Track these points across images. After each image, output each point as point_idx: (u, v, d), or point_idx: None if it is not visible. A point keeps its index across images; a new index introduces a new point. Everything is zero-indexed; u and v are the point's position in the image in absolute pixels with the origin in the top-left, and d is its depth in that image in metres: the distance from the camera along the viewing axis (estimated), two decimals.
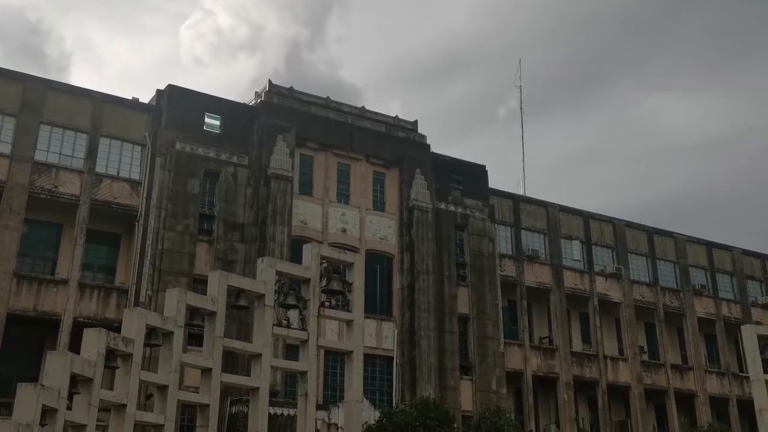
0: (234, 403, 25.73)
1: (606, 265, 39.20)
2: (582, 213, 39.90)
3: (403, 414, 19.66)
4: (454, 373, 31.84)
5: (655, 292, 40.11)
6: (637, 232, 41.05)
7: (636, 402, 37.14)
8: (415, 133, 35.41)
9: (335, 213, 32.27)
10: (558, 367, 35.82)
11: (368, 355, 27.71)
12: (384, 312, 31.92)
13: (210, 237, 29.29)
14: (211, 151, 30.12)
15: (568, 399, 35.45)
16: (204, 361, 16.61)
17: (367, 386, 28.25)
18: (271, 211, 29.67)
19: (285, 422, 25.26)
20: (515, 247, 37.09)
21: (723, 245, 43.81)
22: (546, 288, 37.13)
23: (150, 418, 15.95)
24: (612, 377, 37.05)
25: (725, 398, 39.84)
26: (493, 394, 32.15)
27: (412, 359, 30.89)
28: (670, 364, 39.00)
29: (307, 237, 29.75)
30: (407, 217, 33.25)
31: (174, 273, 27.63)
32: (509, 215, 37.49)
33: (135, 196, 28.93)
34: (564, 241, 38.62)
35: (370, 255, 31.97)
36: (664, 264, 41.25)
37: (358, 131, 33.76)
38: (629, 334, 38.44)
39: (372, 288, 31.01)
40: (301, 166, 32.08)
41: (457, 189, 35.40)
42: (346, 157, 33.35)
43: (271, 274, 17.70)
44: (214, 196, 29.96)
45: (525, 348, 35.36)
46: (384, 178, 34.11)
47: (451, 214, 34.65)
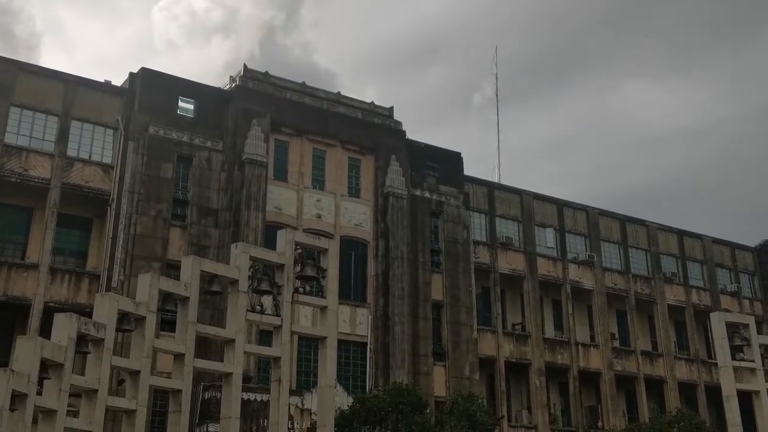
0: (207, 389, 25.66)
1: (579, 253, 39.55)
2: (556, 201, 40.19)
3: (376, 399, 19.73)
4: (428, 359, 32.02)
5: (626, 280, 40.57)
6: (609, 220, 41.44)
7: (607, 388, 37.62)
8: (391, 119, 35.39)
9: (310, 199, 32.19)
10: (530, 353, 36.15)
11: (342, 341, 27.75)
12: (358, 298, 31.97)
13: (183, 222, 29.10)
14: (185, 135, 29.86)
15: (540, 385, 35.81)
16: (177, 346, 16.50)
17: (340, 372, 28.37)
18: (245, 197, 29.54)
19: (258, 407, 25.24)
20: (489, 234, 37.29)
21: (694, 234, 44.38)
22: (519, 275, 37.40)
23: (121, 403, 15.84)
24: (583, 363, 37.47)
25: (694, 384, 40.48)
26: (465, 379, 32.38)
27: (385, 345, 31.00)
28: (640, 351, 39.51)
29: (281, 223, 29.63)
30: (382, 203, 33.26)
31: (147, 258, 27.43)
32: (484, 203, 37.65)
33: (107, 180, 28.63)
34: (538, 229, 38.89)
35: (345, 241, 31.96)
36: (636, 252, 41.72)
37: (333, 117, 33.66)
38: (601, 320, 38.87)
39: (346, 274, 31.02)
40: (276, 151, 31.94)
41: (433, 176, 35.47)
42: (321, 143, 33.26)
43: (245, 260, 17.61)
44: (188, 180, 29.75)
45: (498, 334, 35.63)
46: (359, 164, 34.08)
47: (426, 201, 34.72)
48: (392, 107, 35.78)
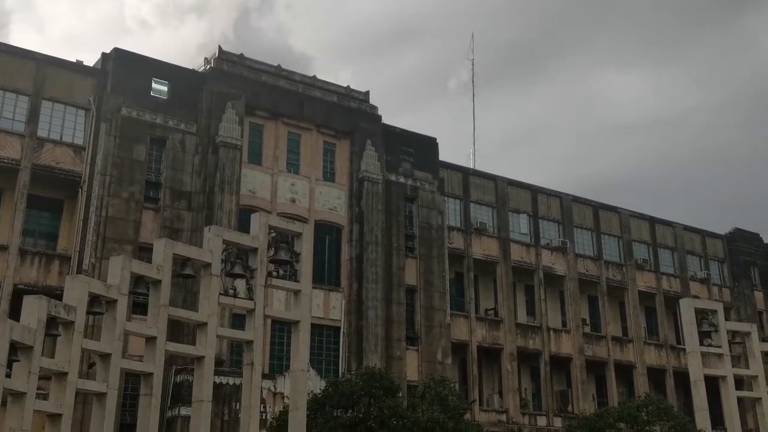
0: (179, 372, 25.58)
1: (552, 239, 39.86)
2: (530, 187, 40.40)
3: (349, 383, 19.79)
4: (401, 344, 32.16)
5: (598, 266, 40.98)
6: (583, 207, 41.78)
7: (577, 372, 38.06)
8: (367, 103, 35.29)
9: (284, 183, 32.07)
10: (502, 338, 36.45)
11: (315, 325, 27.76)
12: (332, 282, 31.98)
13: (156, 205, 28.87)
14: (158, 117, 29.56)
15: (512, 369, 36.14)
16: (148, 329, 16.43)
17: (313, 356, 28.40)
18: (219, 180, 29.36)
19: (230, 391, 25.23)
20: (464, 219, 37.44)
21: (665, 221, 44.90)
22: (493, 260, 37.63)
23: (92, 386, 15.76)
24: (555, 348, 37.86)
25: (662, 369, 41.08)
26: (438, 364, 32.59)
27: (359, 329, 31.08)
28: (611, 336, 40.00)
29: (255, 206, 29.53)
30: (357, 188, 33.23)
31: (118, 241, 27.20)
32: (459, 188, 37.77)
33: (78, 161, 28.29)
34: (512, 215, 39.11)
35: (319, 225, 31.91)
36: (609, 238, 42.13)
37: (309, 101, 33.49)
38: (573, 306, 39.26)
39: (320, 258, 31.02)
40: (250, 134, 31.74)
41: (408, 161, 35.48)
42: (296, 127, 33.09)
43: (218, 243, 17.54)
44: (161, 163, 29.49)
45: (471, 319, 35.86)
46: (334, 148, 33.98)
47: (401, 185, 34.74)
48: (368, 91, 35.68)
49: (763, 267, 47.55)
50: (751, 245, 47.62)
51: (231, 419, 24.83)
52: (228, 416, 25.14)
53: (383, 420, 18.34)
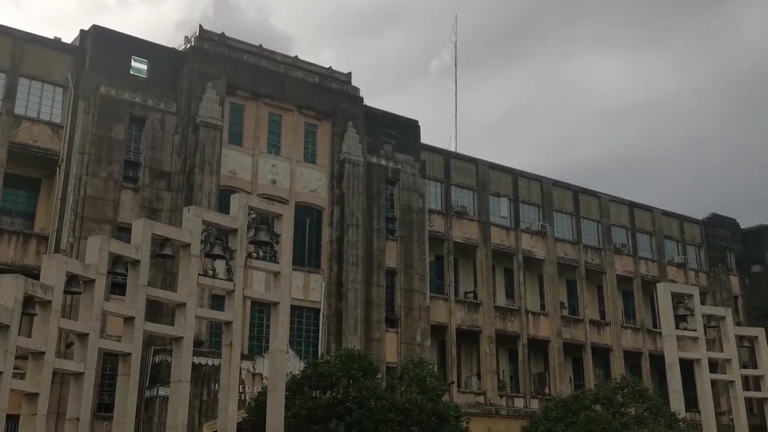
0: (158, 353, 25.52)
1: (532, 223, 40.05)
2: (511, 171, 40.52)
3: (328, 365, 19.85)
4: (380, 326, 32.28)
5: (577, 250, 41.26)
6: (563, 191, 41.97)
7: (555, 355, 38.42)
8: (349, 85, 35.15)
9: (265, 164, 31.93)
10: (481, 321, 36.67)
11: (295, 307, 27.76)
12: (312, 264, 31.97)
13: (135, 184, 28.67)
14: (138, 96, 29.28)
15: (490, 352, 36.40)
16: (127, 309, 16.37)
17: (293, 337, 28.45)
18: (199, 160, 29.17)
19: (209, 372, 25.22)
20: (444, 202, 37.52)
21: (644, 206, 45.24)
22: (473, 244, 37.77)
23: (70, 366, 15.71)
24: (533, 331, 38.16)
25: (638, 352, 41.56)
26: (417, 346, 32.75)
27: (338, 311, 31.15)
28: (588, 320, 40.35)
29: (235, 187, 29.39)
30: (338, 170, 33.16)
31: (97, 220, 27.00)
32: (440, 171, 37.80)
33: (56, 139, 27.98)
34: (492, 198, 39.23)
35: (300, 207, 31.84)
36: (588, 223, 42.39)
37: (290, 81, 33.30)
38: (551, 290, 39.55)
39: (301, 240, 30.99)
40: (231, 114, 31.53)
41: (389, 143, 35.43)
42: (277, 107, 32.91)
43: (198, 224, 17.49)
44: (140, 142, 29.24)
45: (450, 302, 36.03)
46: (316, 129, 33.85)
47: (383, 168, 34.71)
48: (350, 73, 35.54)
49: (739, 252, 48.14)
50: (728, 230, 48.16)
51: (210, 399, 24.84)
52: (207, 397, 25.15)
53: (362, 401, 18.43)
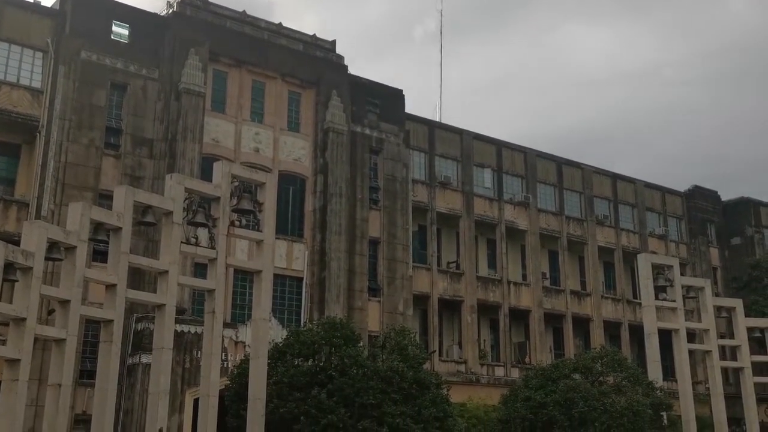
0: (140, 320, 25.54)
1: (515, 194, 40.18)
2: (495, 142, 40.52)
3: (310, 333, 19.94)
4: (363, 295, 32.42)
5: (560, 221, 41.49)
6: (546, 162, 42.06)
7: (535, 325, 38.79)
8: (333, 53, 34.89)
9: (248, 132, 31.75)
10: (463, 290, 36.91)
11: (278, 276, 27.82)
12: (295, 233, 31.97)
13: (117, 151, 28.44)
14: (119, 61, 28.92)
15: (472, 321, 36.70)
16: (108, 276, 16.31)
17: (276, 306, 28.54)
18: (181, 128, 28.95)
19: (192, 339, 25.29)
20: (428, 173, 37.51)
21: (627, 177, 45.45)
22: (456, 214, 37.87)
23: (51, 332, 15.67)
24: (514, 301, 38.46)
25: (618, 322, 42.03)
26: (399, 315, 32.96)
27: (321, 280, 31.23)
28: (569, 290, 40.71)
29: (218, 155, 29.20)
30: (322, 138, 33.03)
31: (78, 187, 26.79)
32: (424, 141, 37.74)
33: (36, 105, 27.62)
34: (476, 169, 39.27)
35: (283, 176, 31.73)
36: (571, 194, 42.56)
37: (274, 48, 33.00)
38: (533, 260, 39.81)
39: (284, 209, 30.94)
40: (214, 81, 31.26)
41: (373, 112, 35.30)
42: (261, 75, 32.64)
43: (180, 191, 17.39)
44: (122, 109, 28.96)
45: (433, 272, 36.20)
46: (299, 98, 33.64)
47: (367, 137, 34.61)
48: (335, 41, 35.25)
49: (719, 224, 48.61)
50: (709, 203, 48.56)
51: (192, 367, 24.93)
52: (189, 364, 25.24)
53: (344, 369, 18.54)
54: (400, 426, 18.37)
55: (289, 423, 18.33)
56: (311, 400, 18.19)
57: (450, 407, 20.27)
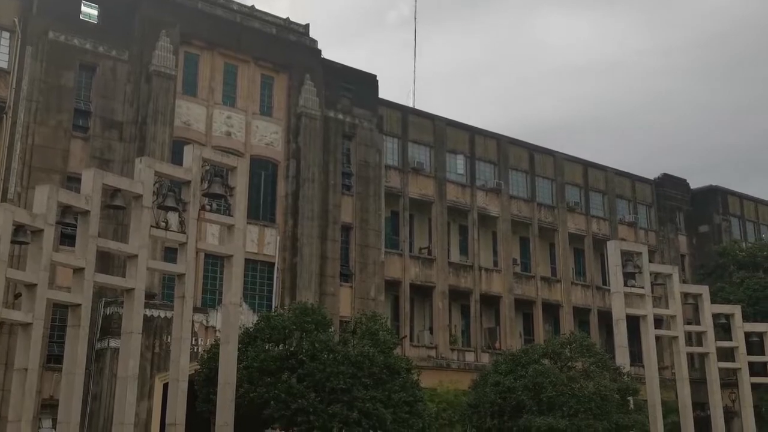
0: (109, 304, 25.32)
1: (487, 180, 40.32)
2: (468, 128, 40.59)
3: (281, 318, 19.91)
4: (335, 280, 32.41)
5: (531, 208, 41.74)
6: (519, 149, 42.25)
7: (506, 310, 39.08)
8: (306, 37, 34.66)
9: (220, 115, 31.48)
10: (435, 276, 37.04)
11: (249, 261, 27.75)
12: (267, 218, 31.83)
13: (86, 134, 28.07)
14: (88, 42, 28.49)
15: (443, 307, 36.87)
16: (76, 260, 16.12)
17: (247, 291, 28.45)
18: (152, 110, 28.62)
19: (162, 324, 25.14)
20: (401, 158, 37.51)
21: (598, 165, 45.79)
22: (429, 200, 37.94)
23: (17, 316, 15.46)
24: (485, 287, 38.70)
25: (587, 308, 42.47)
26: (371, 300, 33.02)
27: (293, 266, 31.16)
28: (540, 276, 41.04)
29: (189, 139, 28.95)
30: (295, 123, 32.86)
31: (46, 170, 26.42)
32: (397, 127, 37.71)
33: (3, 86, 27.14)
34: (449, 155, 39.34)
35: (255, 160, 31.55)
36: (542, 181, 42.81)
37: (247, 31, 32.69)
38: (504, 246, 40.05)
39: (256, 194, 30.78)
40: (185, 64, 30.91)
41: (347, 97, 35.17)
42: (233, 58, 32.34)
43: (150, 175, 17.21)
44: (91, 90, 28.55)
45: (405, 257, 36.28)
46: (272, 82, 33.40)
47: (340, 122, 34.49)
48: (308, 24, 35.01)
49: (688, 212, 49.23)
50: (678, 191, 49.15)
51: (162, 352, 24.80)
52: (159, 349, 25.10)
53: (314, 354, 18.55)
54: (370, 410, 18.44)
55: (259, 407, 18.32)
56: (281, 385, 18.19)
57: (420, 392, 20.38)
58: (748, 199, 51.83)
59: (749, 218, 51.42)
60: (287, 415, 18.20)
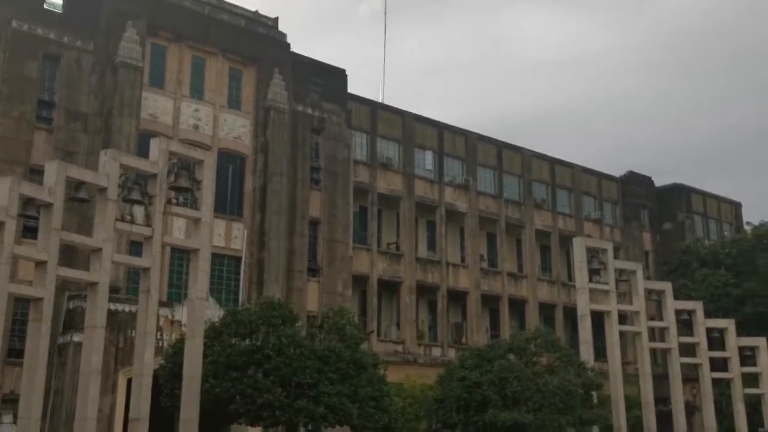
0: (72, 298, 25.00)
1: (455, 176, 40.48)
2: (437, 124, 40.70)
3: (247, 312, 19.82)
4: (302, 275, 32.32)
5: (499, 204, 41.97)
6: (487, 145, 42.46)
7: (473, 306, 39.31)
8: (275, 30, 34.46)
9: (188, 108, 31.18)
10: (403, 271, 37.12)
11: (216, 255, 27.52)
12: (234, 212, 31.63)
13: (50, 125, 27.64)
14: (52, 32, 28.03)
15: (410, 302, 36.97)
16: (38, 253, 15.90)
17: (213, 285, 28.24)
18: (118, 102, 28.26)
19: (126, 318, 24.87)
20: (370, 154, 37.50)
21: (565, 162, 46.19)
22: (397, 196, 38.00)
23: None
24: (453, 283, 38.87)
25: (553, 304, 42.87)
26: (338, 295, 32.99)
27: (260, 260, 31.02)
28: (506, 272, 41.31)
29: (156, 131, 28.60)
30: (263, 117, 32.67)
31: (8, 161, 25.97)
32: (366, 122, 37.68)
33: None
34: (417, 151, 39.40)
35: (223, 154, 31.31)
36: (510, 177, 43.06)
37: (215, 24, 32.40)
38: (472, 242, 40.25)
39: (223, 187, 30.56)
40: (152, 56, 30.54)
41: (316, 92, 35.04)
42: (201, 51, 32.04)
43: (115, 167, 17.04)
44: (55, 81, 28.11)
45: (373, 253, 36.30)
46: (241, 75, 33.16)
47: (308, 117, 34.37)
48: (277, 18, 34.82)
49: (652, 209, 49.89)
50: (643, 188, 49.77)
51: (126, 346, 24.52)
52: (123, 343, 24.83)
53: (281, 348, 18.50)
54: (336, 405, 18.46)
55: (225, 403, 18.23)
56: (247, 380, 18.12)
57: (386, 387, 20.44)
58: (710, 197, 52.68)
59: (712, 216, 52.27)
60: (253, 410, 18.14)
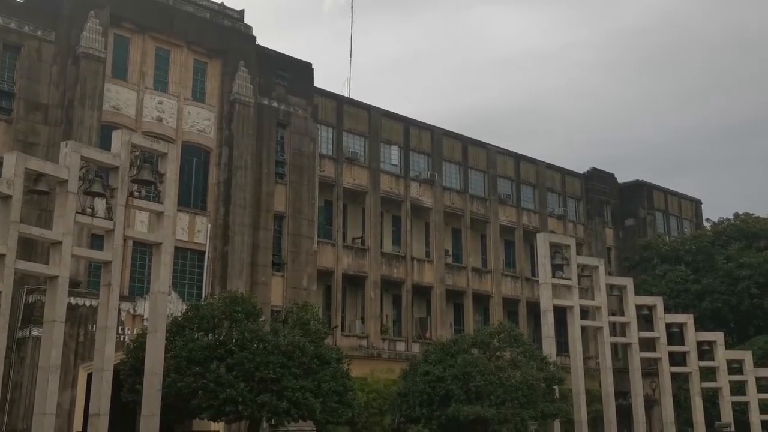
0: (31, 292, 24.59)
1: (421, 171, 40.59)
2: (403, 119, 40.76)
3: (210, 307, 19.70)
4: (266, 269, 32.16)
5: (464, 200, 42.21)
6: (452, 141, 42.64)
7: (437, 301, 39.49)
8: (241, 23, 34.18)
9: (151, 100, 30.81)
10: (368, 266, 37.14)
11: (179, 249, 27.29)
12: (198, 206, 31.35)
13: (9, 116, 27.12)
14: (12, 21, 27.50)
15: (375, 297, 37.02)
16: None
17: (176, 279, 27.99)
18: (79, 94, 27.82)
19: (87, 312, 24.55)
20: (336, 148, 37.44)
21: (529, 158, 46.57)
22: (363, 190, 37.99)
23: None
24: (417, 278, 39.01)
25: (516, 299, 43.25)
26: (303, 290, 32.90)
27: (224, 254, 30.80)
28: (471, 267, 41.58)
29: (119, 124, 28.24)
30: (228, 110, 32.42)
31: None
32: (332, 116, 37.60)
33: None
34: (383, 146, 39.44)
35: (187, 147, 31.02)
36: (475, 173, 43.32)
37: (180, 15, 32.04)
38: (437, 238, 40.42)
39: (187, 181, 30.29)
40: (115, 47, 30.11)
41: (282, 85, 34.85)
42: (165, 42, 31.67)
43: (76, 159, 16.79)
44: (15, 71, 27.58)
45: (338, 247, 36.27)
46: (205, 67, 32.85)
47: (274, 110, 34.18)
48: (243, 10, 34.53)
49: (615, 206, 50.54)
50: (606, 185, 50.40)
51: (87, 341, 24.20)
52: (84, 338, 24.51)
53: (244, 343, 18.43)
54: (299, 400, 18.44)
55: (187, 397, 18.12)
56: (210, 375, 18.02)
57: (350, 381, 20.48)
58: (672, 194, 53.54)
59: (673, 213, 53.12)
60: (215, 405, 18.05)
